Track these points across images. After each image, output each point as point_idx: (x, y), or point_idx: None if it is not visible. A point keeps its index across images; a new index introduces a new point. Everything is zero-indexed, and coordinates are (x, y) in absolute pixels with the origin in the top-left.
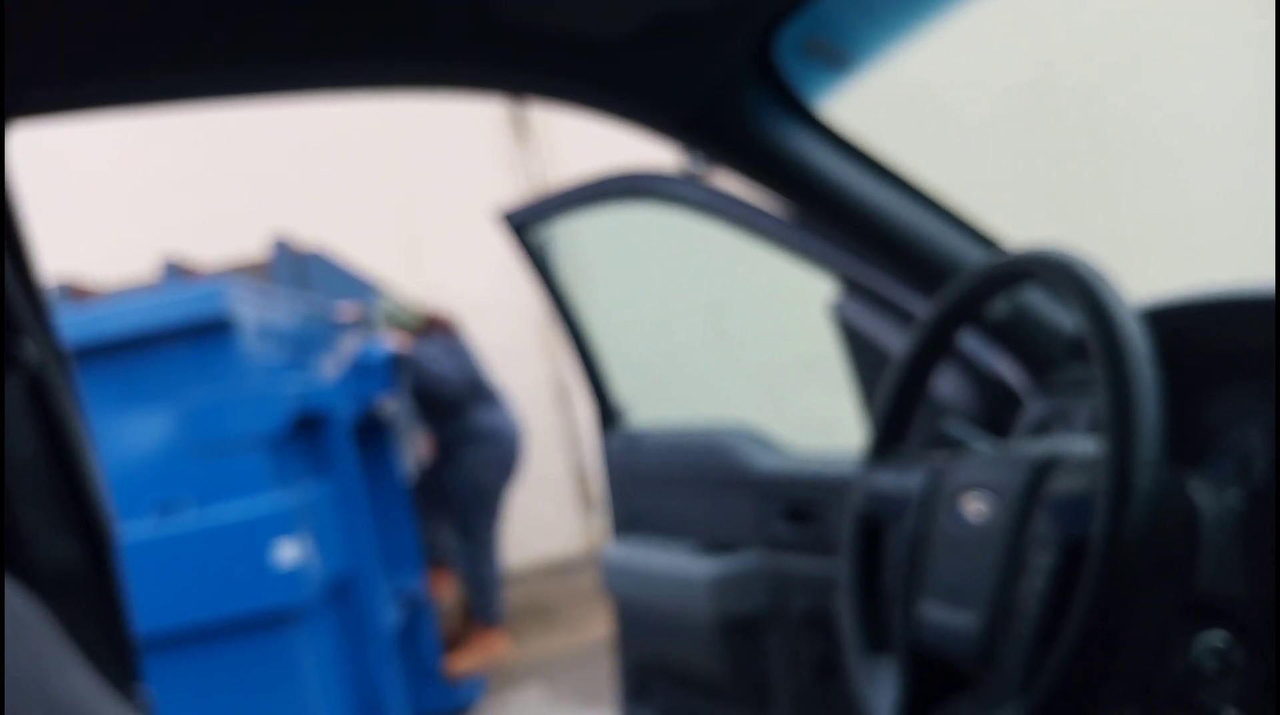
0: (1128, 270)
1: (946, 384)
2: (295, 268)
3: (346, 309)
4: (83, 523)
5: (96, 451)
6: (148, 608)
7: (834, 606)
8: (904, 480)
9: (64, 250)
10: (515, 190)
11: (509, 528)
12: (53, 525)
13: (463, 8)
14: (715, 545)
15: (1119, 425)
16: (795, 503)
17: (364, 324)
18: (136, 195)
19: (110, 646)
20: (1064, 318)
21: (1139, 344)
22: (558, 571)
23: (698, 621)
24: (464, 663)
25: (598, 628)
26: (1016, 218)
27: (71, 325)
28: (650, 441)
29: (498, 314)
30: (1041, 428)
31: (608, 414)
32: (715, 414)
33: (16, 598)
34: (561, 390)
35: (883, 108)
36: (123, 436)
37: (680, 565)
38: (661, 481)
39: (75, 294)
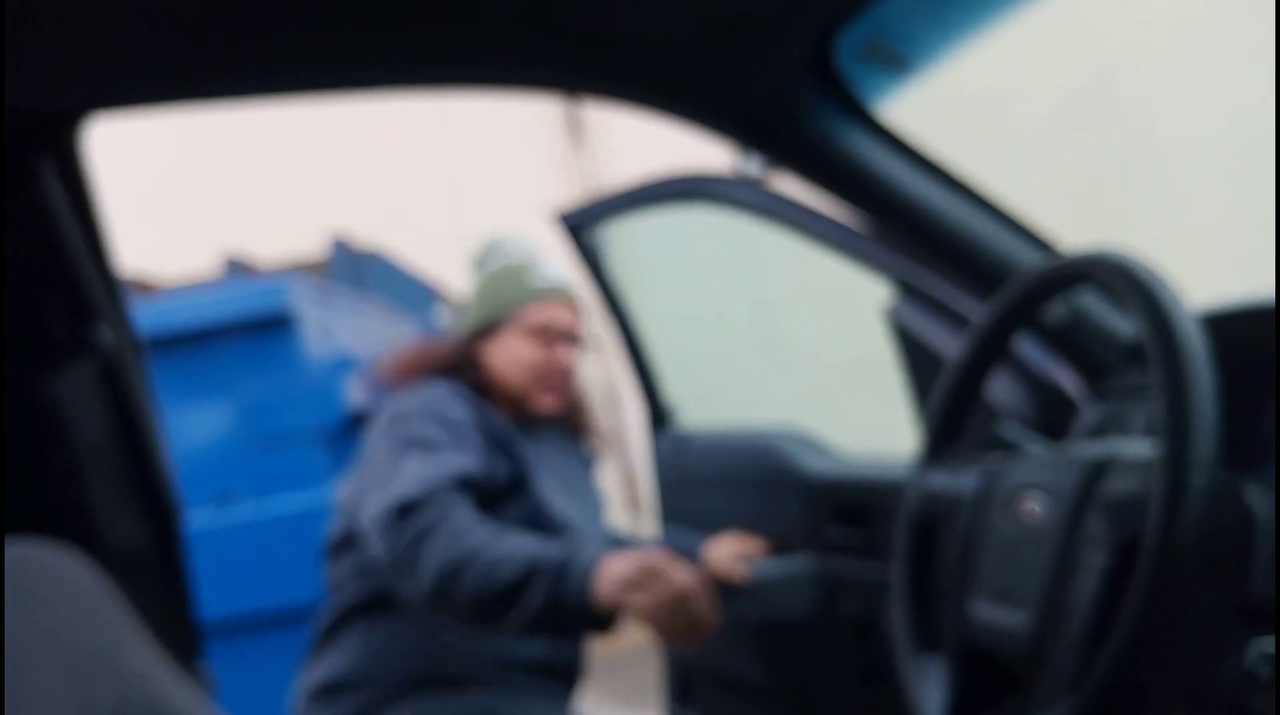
0: (1182, 276)
1: (1001, 389)
2: (353, 267)
3: None
4: (151, 505)
5: (165, 437)
6: (201, 596)
7: (883, 612)
8: (958, 481)
9: (128, 245)
10: (569, 191)
11: None
12: (123, 506)
13: (523, 8)
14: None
15: (1175, 425)
16: (846, 506)
17: None
18: (198, 192)
19: (175, 625)
20: (1120, 323)
21: (1197, 345)
22: None
23: (744, 624)
24: None
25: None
26: (1071, 221)
27: (135, 318)
28: (700, 443)
29: None
30: (1096, 433)
31: (658, 415)
32: (766, 417)
33: (88, 574)
34: (611, 392)
35: (939, 110)
36: (182, 427)
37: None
38: (711, 483)
39: (139, 288)
